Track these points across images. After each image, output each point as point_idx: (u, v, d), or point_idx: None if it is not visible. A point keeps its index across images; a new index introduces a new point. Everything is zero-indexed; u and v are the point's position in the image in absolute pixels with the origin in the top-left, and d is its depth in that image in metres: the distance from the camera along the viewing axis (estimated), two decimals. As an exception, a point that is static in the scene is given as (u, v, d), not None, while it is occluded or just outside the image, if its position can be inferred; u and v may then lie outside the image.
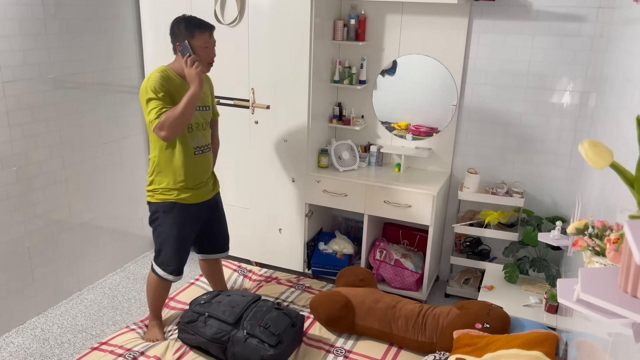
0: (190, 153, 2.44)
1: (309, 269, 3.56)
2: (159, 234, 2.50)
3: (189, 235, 2.56)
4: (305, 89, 3.20)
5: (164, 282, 2.54)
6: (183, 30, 2.34)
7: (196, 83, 2.29)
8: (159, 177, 2.45)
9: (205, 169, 2.55)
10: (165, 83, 2.31)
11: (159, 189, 2.45)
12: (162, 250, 2.50)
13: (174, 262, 2.51)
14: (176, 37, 2.36)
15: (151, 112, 2.27)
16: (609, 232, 1.24)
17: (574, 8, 2.95)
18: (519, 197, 3.15)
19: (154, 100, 2.27)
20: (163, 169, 2.43)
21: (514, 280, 3.07)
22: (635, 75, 1.68)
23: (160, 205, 2.47)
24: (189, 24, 2.35)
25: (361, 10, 3.37)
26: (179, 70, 2.38)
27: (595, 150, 1.01)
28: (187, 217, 2.50)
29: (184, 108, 2.26)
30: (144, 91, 2.30)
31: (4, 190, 2.83)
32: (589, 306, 1.00)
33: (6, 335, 2.94)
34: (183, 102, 2.27)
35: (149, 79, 2.31)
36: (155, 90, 2.28)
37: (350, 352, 2.36)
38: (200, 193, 2.53)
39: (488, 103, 3.27)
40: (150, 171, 2.48)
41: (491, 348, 1.99)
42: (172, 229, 2.47)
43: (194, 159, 2.46)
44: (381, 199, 3.20)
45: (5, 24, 2.72)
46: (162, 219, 2.48)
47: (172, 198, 2.45)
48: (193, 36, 2.34)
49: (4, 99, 2.76)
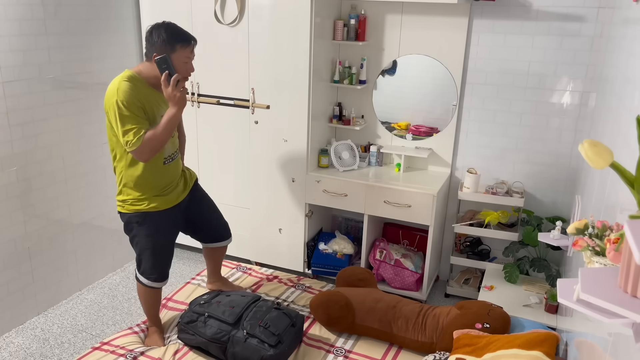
0: (160, 164, 2.35)
1: (309, 269, 3.56)
2: (136, 243, 2.43)
3: (167, 242, 2.48)
4: (305, 89, 3.20)
5: (151, 289, 2.50)
6: (163, 41, 2.16)
7: (179, 106, 2.17)
8: (127, 188, 2.34)
9: (174, 174, 2.45)
10: (136, 96, 2.16)
11: (129, 199, 2.35)
12: (142, 260, 2.44)
13: (156, 270, 2.45)
14: (154, 46, 2.17)
15: (129, 133, 2.13)
16: (609, 232, 1.24)
17: (574, 8, 2.95)
18: (519, 197, 3.15)
19: (129, 119, 2.13)
20: (129, 181, 2.32)
21: (514, 280, 3.07)
22: (635, 75, 1.68)
23: (132, 216, 2.36)
24: (172, 35, 2.18)
25: (361, 10, 3.37)
26: (148, 77, 2.23)
27: (595, 150, 1.01)
28: (161, 225, 2.41)
29: (163, 131, 2.16)
30: (113, 105, 2.13)
31: (4, 190, 2.83)
32: (589, 306, 1.00)
33: (6, 335, 2.94)
34: (162, 124, 2.16)
35: (118, 91, 2.14)
36: (129, 107, 2.13)
37: (350, 352, 2.36)
38: (170, 198, 2.42)
39: (488, 103, 3.27)
40: (118, 180, 2.36)
41: (491, 348, 1.99)
42: (147, 240, 2.39)
43: (162, 169, 2.37)
44: (381, 199, 3.20)
45: (5, 24, 2.72)
46: (136, 230, 2.39)
47: (143, 208, 2.35)
48: (174, 50, 2.18)
49: (4, 99, 2.76)
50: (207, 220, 2.70)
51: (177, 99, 2.16)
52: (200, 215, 2.66)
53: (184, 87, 2.20)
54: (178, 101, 2.16)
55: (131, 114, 2.14)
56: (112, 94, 2.16)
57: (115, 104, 2.14)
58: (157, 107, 2.27)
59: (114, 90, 2.17)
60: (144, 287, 2.48)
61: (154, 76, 2.21)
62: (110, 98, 2.17)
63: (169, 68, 2.14)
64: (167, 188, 2.42)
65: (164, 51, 2.16)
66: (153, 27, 2.20)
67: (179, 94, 2.16)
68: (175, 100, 2.16)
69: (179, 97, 2.16)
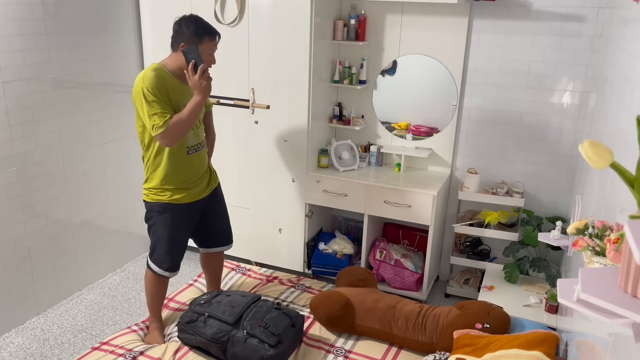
0: (183, 153, 2.41)
1: (309, 269, 3.56)
2: (153, 232, 2.50)
3: (183, 235, 2.56)
4: (305, 89, 3.20)
5: (160, 277, 2.54)
6: (192, 33, 2.28)
7: (204, 94, 2.27)
8: (153, 176, 2.43)
9: (198, 167, 2.51)
10: (161, 83, 2.26)
11: (153, 188, 2.44)
12: (157, 248, 2.50)
13: (168, 260, 2.51)
14: (182, 37, 2.29)
15: (154, 117, 2.22)
16: (609, 232, 1.24)
17: (574, 8, 2.95)
18: (519, 197, 3.15)
19: (155, 104, 2.22)
20: (156, 168, 2.41)
21: (514, 280, 3.07)
22: (635, 75, 1.68)
23: (155, 205, 2.45)
24: (200, 28, 2.30)
25: (361, 10, 3.37)
26: (173, 69, 2.33)
27: (595, 150, 1.01)
28: (180, 218, 2.49)
29: (188, 117, 2.25)
30: (139, 92, 2.24)
31: (4, 190, 2.83)
32: (589, 306, 1.00)
33: (6, 335, 2.94)
34: (187, 110, 2.25)
35: (144, 79, 2.24)
36: (155, 93, 2.22)
37: (350, 352, 2.36)
38: (194, 192, 2.50)
39: (488, 103, 3.27)
40: (145, 169, 2.46)
41: (491, 348, 1.99)
42: (164, 229, 2.46)
43: (187, 159, 2.44)
44: (381, 199, 3.20)
45: (5, 24, 2.72)
46: (156, 219, 2.47)
47: (165, 199, 2.43)
48: (202, 41, 2.29)
49: (4, 99, 2.76)
50: (218, 225, 2.74)
51: (204, 87, 2.27)
52: (214, 217, 2.70)
53: (209, 76, 2.31)
54: (204, 89, 2.27)
55: (156, 99, 2.24)
56: (138, 83, 2.27)
57: (141, 91, 2.23)
58: (182, 96, 2.36)
59: (139, 79, 2.28)
60: (154, 276, 2.53)
61: (179, 67, 2.32)
62: (137, 86, 2.27)
63: (195, 58, 2.26)
64: (191, 181, 2.48)
65: (192, 42, 2.28)
66: (182, 19, 2.33)
67: (205, 82, 2.27)
68: (201, 89, 2.26)
69: (205, 85, 2.27)
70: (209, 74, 2.30)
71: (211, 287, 2.85)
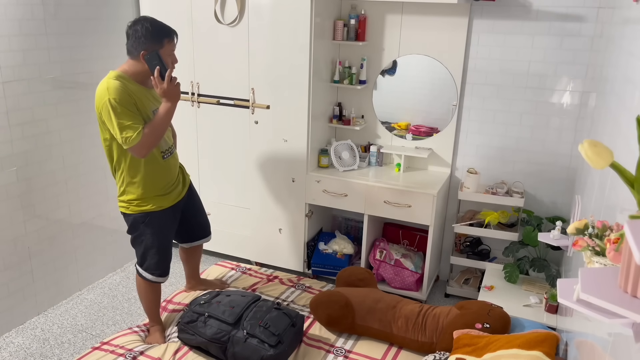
0: (159, 159, 2.37)
1: (309, 269, 3.56)
2: (140, 242, 2.45)
3: (170, 238, 2.53)
4: (305, 89, 3.20)
5: (153, 284, 2.51)
6: (151, 38, 2.17)
7: (174, 101, 2.21)
8: (131, 188, 2.35)
9: (175, 169, 2.49)
10: (127, 92, 2.17)
11: (134, 200, 2.37)
12: (147, 257, 2.46)
13: (160, 266, 2.48)
14: (141, 44, 2.18)
15: (127, 129, 2.13)
16: (609, 232, 1.24)
17: (574, 8, 2.95)
18: (519, 197, 3.15)
19: (125, 116, 2.13)
20: (133, 180, 2.33)
21: (514, 280, 3.07)
22: (635, 75, 1.68)
23: (138, 216, 2.39)
24: (158, 31, 2.20)
25: (361, 10, 3.37)
26: (134, 74, 2.24)
27: (595, 150, 1.01)
28: (165, 223, 2.46)
29: (161, 125, 2.20)
30: (106, 104, 2.13)
31: (4, 190, 2.83)
32: (589, 306, 1.00)
33: (6, 335, 2.94)
34: (160, 119, 2.20)
35: (109, 90, 2.14)
36: (122, 103, 2.14)
37: (350, 352, 2.36)
38: (173, 195, 2.48)
39: (488, 103, 3.27)
40: (120, 182, 2.37)
41: (491, 348, 1.99)
42: (153, 239, 2.42)
43: (164, 164, 2.40)
44: (381, 199, 3.20)
45: (5, 24, 2.72)
46: (142, 230, 2.42)
47: (148, 208, 2.38)
48: (162, 45, 2.20)
49: (4, 99, 2.76)
50: (198, 219, 2.75)
51: (173, 94, 2.21)
52: (194, 213, 2.71)
53: (177, 82, 2.24)
54: (174, 96, 2.21)
55: (126, 110, 2.15)
56: (102, 95, 2.16)
57: (108, 103, 2.14)
58: (149, 103, 2.29)
59: (104, 90, 2.17)
60: (147, 283, 2.50)
61: (140, 72, 2.23)
62: (101, 99, 2.17)
63: (160, 64, 2.18)
64: (169, 185, 2.45)
65: (152, 47, 2.18)
66: (136, 24, 2.20)
67: (174, 88, 2.21)
68: (171, 95, 2.20)
69: (175, 91, 2.21)
70: (176, 78, 2.23)
71: (191, 280, 2.86)
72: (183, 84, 3.52)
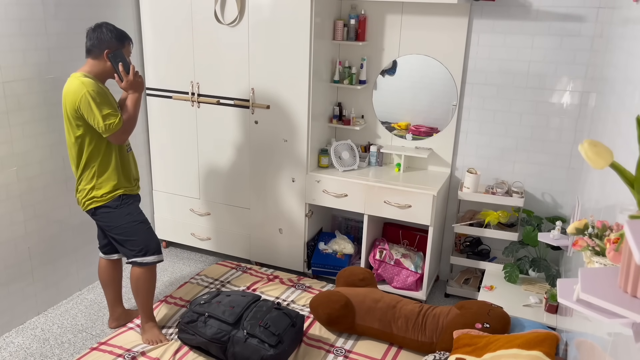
0: (124, 151, 2.60)
1: (309, 269, 3.56)
2: (134, 226, 2.57)
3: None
4: (305, 89, 3.20)
5: (154, 268, 2.61)
6: (115, 38, 2.43)
7: (140, 91, 2.49)
8: (103, 181, 2.51)
9: (134, 165, 2.71)
10: (100, 86, 2.40)
11: (106, 193, 2.53)
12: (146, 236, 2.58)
13: (156, 242, 2.62)
14: (104, 43, 2.42)
15: (109, 117, 2.35)
16: (609, 232, 1.24)
17: (574, 8, 2.95)
18: (519, 197, 3.15)
19: (104, 105, 2.36)
20: (105, 171, 2.51)
21: (514, 280, 3.07)
22: (635, 76, 1.68)
23: (110, 203, 2.54)
24: (120, 34, 2.46)
25: (361, 10, 3.37)
26: (97, 74, 2.45)
27: (595, 150, 1.01)
28: (135, 203, 2.65)
29: (134, 113, 2.48)
30: (85, 97, 2.32)
31: (4, 190, 2.83)
32: (589, 306, 1.00)
33: (6, 335, 2.94)
34: (132, 107, 2.47)
35: (85, 84, 2.34)
36: (100, 94, 2.36)
37: (350, 352, 2.36)
38: (136, 190, 2.69)
39: (488, 103, 3.27)
40: (88, 178, 2.52)
41: (491, 348, 1.99)
42: (138, 212, 2.61)
43: (128, 157, 2.63)
44: (381, 199, 3.20)
45: (5, 24, 2.72)
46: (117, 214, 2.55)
47: (120, 192, 2.56)
48: (124, 45, 2.48)
49: (4, 99, 2.76)
50: None
51: (139, 85, 2.49)
52: None
53: (140, 75, 2.53)
54: (139, 86, 2.50)
55: (105, 99, 2.38)
56: (78, 90, 2.35)
57: (87, 95, 2.33)
58: (112, 99, 2.50)
59: (78, 85, 2.36)
60: (148, 270, 2.60)
61: (102, 72, 2.46)
62: (77, 93, 2.35)
63: (122, 60, 2.45)
64: (133, 180, 2.68)
65: (115, 47, 2.44)
66: (100, 27, 2.45)
67: (140, 79, 2.50)
68: (137, 86, 2.49)
69: (140, 82, 2.50)
70: (138, 71, 2.52)
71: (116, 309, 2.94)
72: (183, 84, 3.53)
